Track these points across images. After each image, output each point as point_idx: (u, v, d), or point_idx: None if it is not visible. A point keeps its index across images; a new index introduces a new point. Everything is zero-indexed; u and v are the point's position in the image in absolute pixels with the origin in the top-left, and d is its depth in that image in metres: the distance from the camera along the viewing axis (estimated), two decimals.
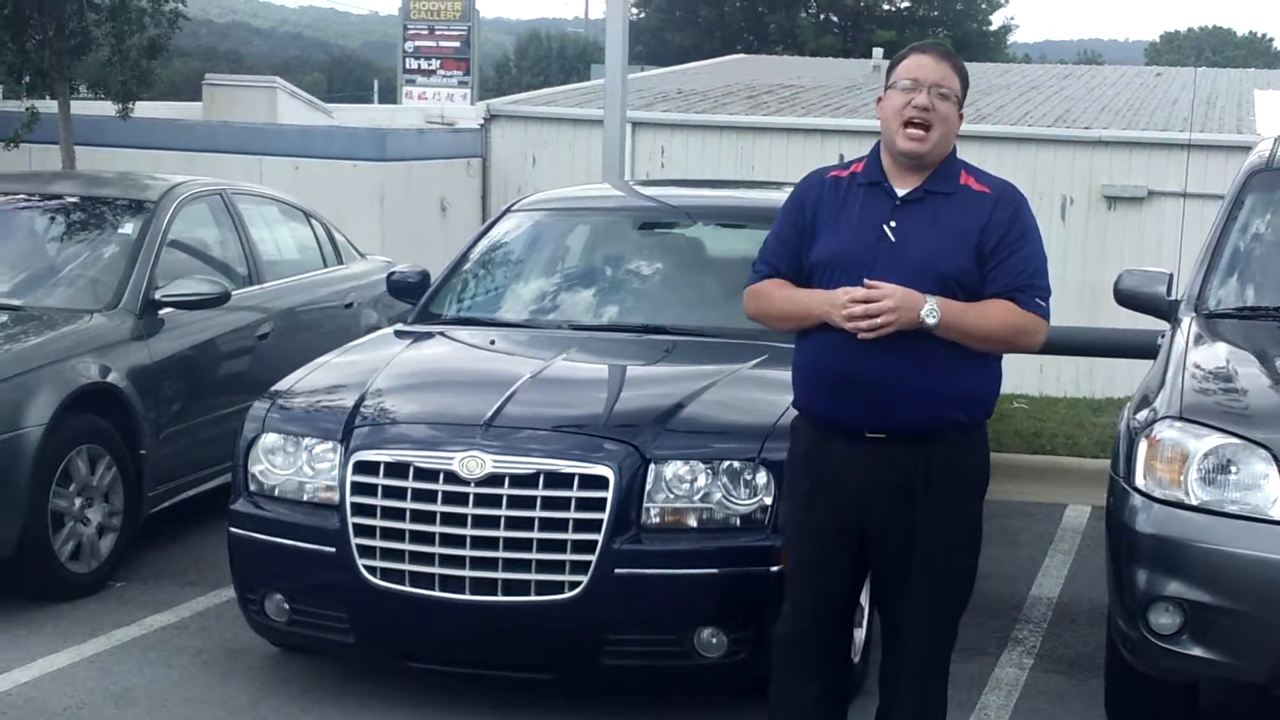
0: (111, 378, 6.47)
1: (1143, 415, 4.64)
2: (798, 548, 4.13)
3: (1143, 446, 4.48)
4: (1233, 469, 4.33)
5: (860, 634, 5.07)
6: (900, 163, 4.01)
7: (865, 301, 3.80)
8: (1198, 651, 4.30)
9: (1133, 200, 18.54)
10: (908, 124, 3.95)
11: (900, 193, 4.00)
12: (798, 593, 4.15)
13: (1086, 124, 19.45)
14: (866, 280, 3.83)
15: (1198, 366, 4.82)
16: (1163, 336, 5.48)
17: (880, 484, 3.95)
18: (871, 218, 3.99)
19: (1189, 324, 5.24)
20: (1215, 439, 4.37)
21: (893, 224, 3.96)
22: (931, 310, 3.81)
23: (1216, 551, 4.26)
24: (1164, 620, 4.33)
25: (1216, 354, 4.98)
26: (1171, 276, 5.70)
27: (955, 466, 4.00)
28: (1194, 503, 4.33)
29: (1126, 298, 5.70)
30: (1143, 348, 7.39)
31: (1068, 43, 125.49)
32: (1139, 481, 4.44)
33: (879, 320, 3.79)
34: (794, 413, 4.17)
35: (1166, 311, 5.55)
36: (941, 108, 3.96)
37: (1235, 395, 4.63)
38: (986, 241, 3.93)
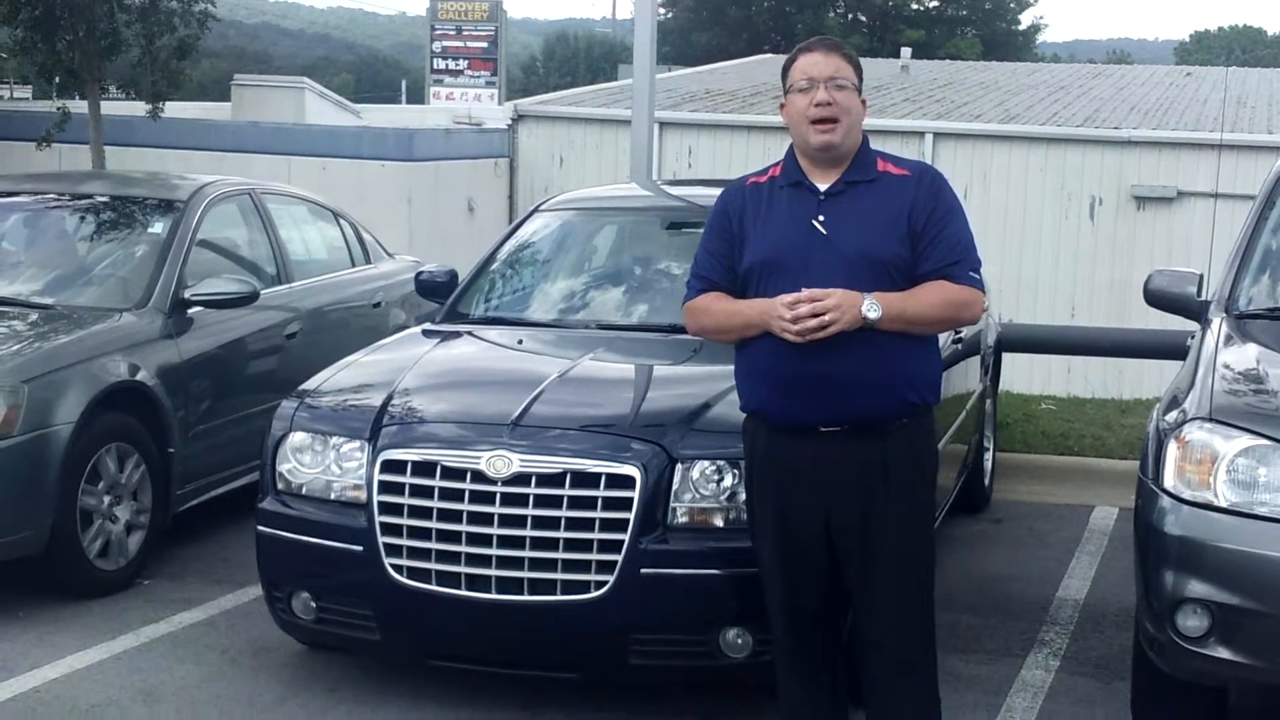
0: (141, 376, 6.50)
1: (1172, 416, 4.62)
2: (770, 551, 4.16)
3: (1172, 448, 4.46)
4: (1262, 471, 4.30)
5: None
6: (817, 160, 4.08)
7: (808, 305, 3.84)
8: (1225, 654, 4.28)
9: (1162, 200, 18.46)
10: (814, 122, 4.03)
11: (822, 188, 4.07)
12: (777, 595, 4.19)
13: (1116, 124, 19.37)
14: (805, 290, 3.87)
15: (1228, 367, 4.79)
16: (1192, 337, 5.45)
17: (841, 477, 4.01)
18: (798, 216, 4.05)
19: (1219, 325, 5.21)
20: (1245, 440, 4.34)
21: (821, 218, 4.02)
22: (872, 305, 3.88)
23: (1245, 554, 4.23)
24: (1192, 622, 4.30)
25: (1247, 355, 4.95)
26: (1202, 277, 5.67)
27: (913, 452, 4.10)
28: (1223, 504, 4.30)
29: (1156, 298, 5.68)
30: (1172, 348, 7.37)
31: (1097, 42, 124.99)
32: (1168, 483, 4.42)
33: (823, 321, 3.84)
34: None
35: (1197, 312, 5.53)
36: (841, 98, 4.05)
37: (1266, 397, 4.60)
38: (915, 222, 4.01)
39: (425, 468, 4.84)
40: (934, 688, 4.29)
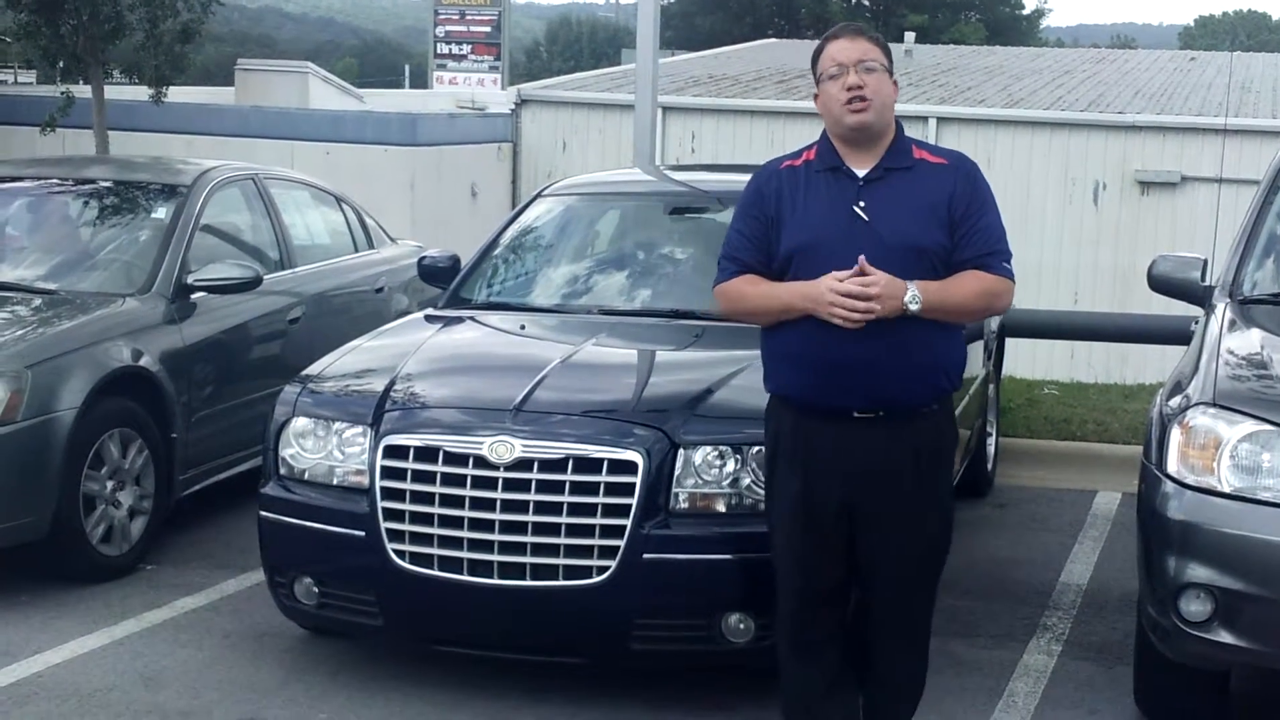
0: (144, 361, 6.50)
1: (1175, 401, 4.61)
2: (791, 532, 4.17)
3: (1175, 433, 4.45)
4: (1266, 456, 4.30)
5: None
6: (852, 143, 4.09)
7: (850, 290, 3.87)
8: (1228, 639, 4.28)
9: (1166, 185, 18.43)
10: (847, 103, 4.05)
11: (860, 173, 4.08)
12: (792, 578, 4.20)
13: (1120, 109, 19.34)
14: (861, 261, 3.89)
15: (1232, 353, 4.78)
16: (1196, 322, 5.44)
17: (871, 460, 4.04)
18: (838, 201, 4.06)
19: (1223, 310, 5.20)
20: (1249, 426, 4.34)
21: (861, 204, 4.03)
22: (914, 296, 3.92)
23: (1248, 539, 4.23)
24: (1195, 607, 4.30)
25: (1251, 340, 4.95)
26: (1206, 262, 5.66)
27: (939, 435, 4.16)
28: (1226, 490, 4.30)
29: (1161, 283, 5.67)
30: (1176, 334, 7.36)
31: (1101, 27, 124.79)
32: (1171, 468, 4.42)
33: (867, 307, 3.87)
34: None
35: (1201, 297, 5.52)
36: (872, 80, 4.07)
37: (1270, 382, 4.60)
38: (954, 211, 4.04)
39: (428, 453, 4.83)
40: (926, 663, 4.40)
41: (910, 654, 4.31)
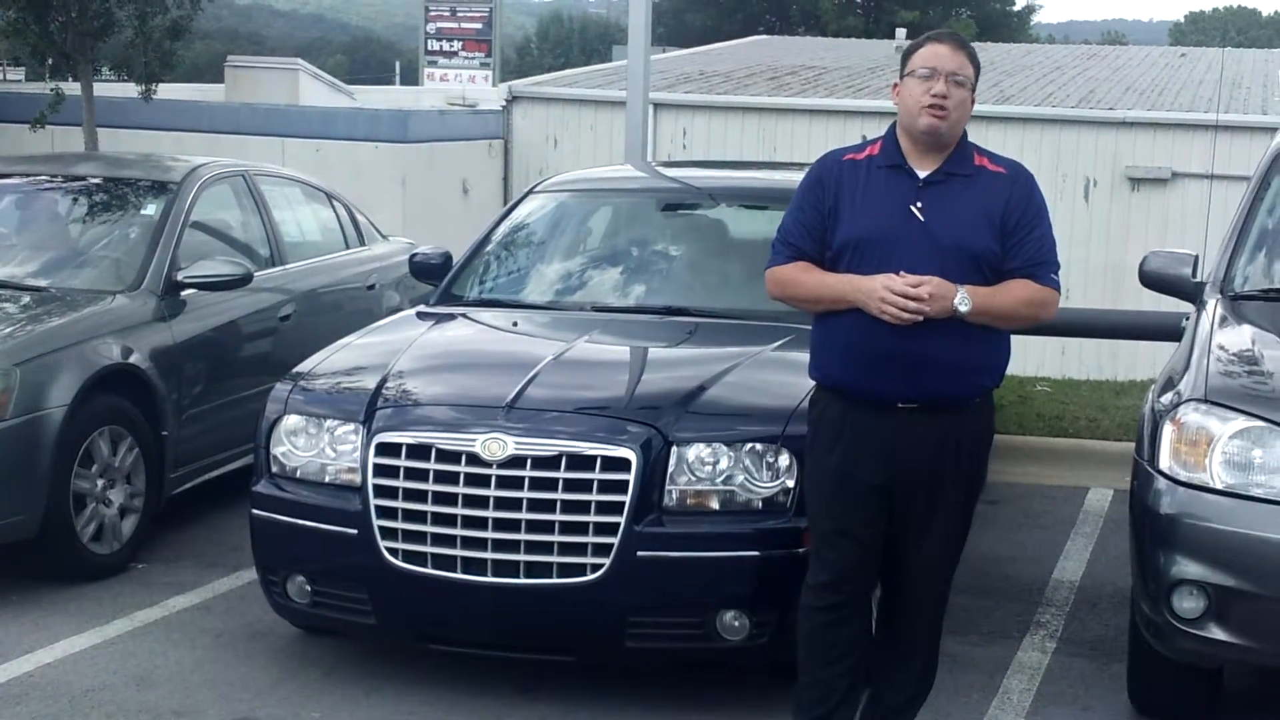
0: (134, 359, 6.48)
1: (1167, 398, 4.62)
2: (830, 513, 4.21)
3: (1167, 429, 4.46)
4: (1258, 452, 4.30)
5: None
6: (919, 144, 4.15)
7: (906, 293, 3.94)
8: (1221, 635, 4.28)
9: (1156, 182, 18.45)
10: (927, 108, 4.10)
11: (922, 174, 4.14)
12: (829, 558, 4.22)
13: (1110, 105, 19.36)
14: (903, 274, 3.97)
15: (1223, 349, 4.79)
16: (1187, 319, 5.45)
17: (914, 449, 4.12)
18: (897, 199, 4.11)
19: (1214, 306, 5.21)
20: (1240, 422, 4.34)
21: (919, 204, 4.10)
22: (964, 299, 3.99)
23: (1241, 535, 4.24)
24: (1188, 604, 4.31)
25: (1242, 336, 4.95)
26: (1197, 258, 5.67)
27: (980, 428, 4.27)
28: (1218, 486, 4.31)
29: (1152, 279, 5.68)
30: (1167, 330, 7.36)
31: (1091, 23, 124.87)
32: (1163, 464, 4.42)
33: (920, 308, 3.94)
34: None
35: (1192, 293, 5.53)
36: (957, 94, 4.12)
37: (1261, 378, 4.60)
38: (1008, 221, 4.12)
39: (420, 451, 4.82)
40: (938, 658, 4.53)
41: (929, 647, 4.42)
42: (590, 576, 4.68)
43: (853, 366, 4.12)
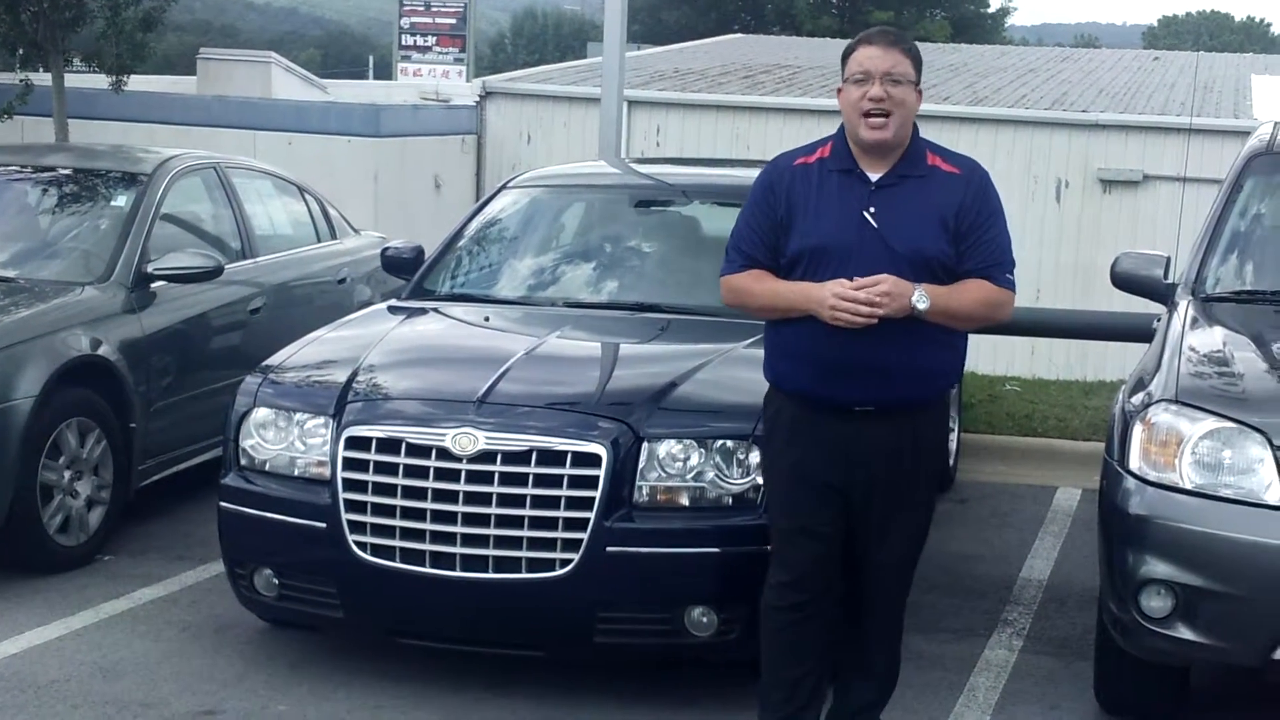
0: (102, 350, 6.44)
1: (1138, 398, 4.63)
2: (789, 511, 4.21)
3: (1137, 429, 4.47)
4: (1227, 453, 4.32)
5: None
6: (868, 151, 4.11)
7: (856, 298, 3.91)
8: (1189, 635, 4.30)
9: (1128, 184, 18.51)
10: (866, 115, 4.05)
11: (874, 177, 4.10)
12: (790, 558, 4.23)
13: (1083, 107, 19.41)
14: (855, 279, 3.95)
15: (1194, 350, 4.81)
16: (1158, 320, 5.47)
17: (871, 452, 4.11)
18: (850, 205, 4.08)
19: (1186, 307, 5.23)
20: (1210, 423, 4.36)
21: (872, 209, 4.06)
22: (921, 297, 3.96)
23: (1209, 535, 4.26)
24: (1155, 603, 4.32)
25: (1213, 338, 4.97)
26: (1169, 260, 5.69)
27: (935, 429, 4.28)
28: (1188, 486, 4.32)
29: (1123, 280, 5.70)
30: (1137, 331, 7.39)
31: (1065, 26, 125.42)
32: (1133, 464, 4.44)
33: (874, 310, 3.91)
34: None
35: (1163, 295, 5.55)
36: (896, 93, 4.07)
37: (1231, 379, 4.62)
38: (962, 222, 4.07)
39: (390, 445, 4.81)
40: (900, 655, 4.51)
41: (891, 645, 4.42)
42: (559, 572, 4.67)
43: (808, 373, 4.11)
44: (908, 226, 4.04)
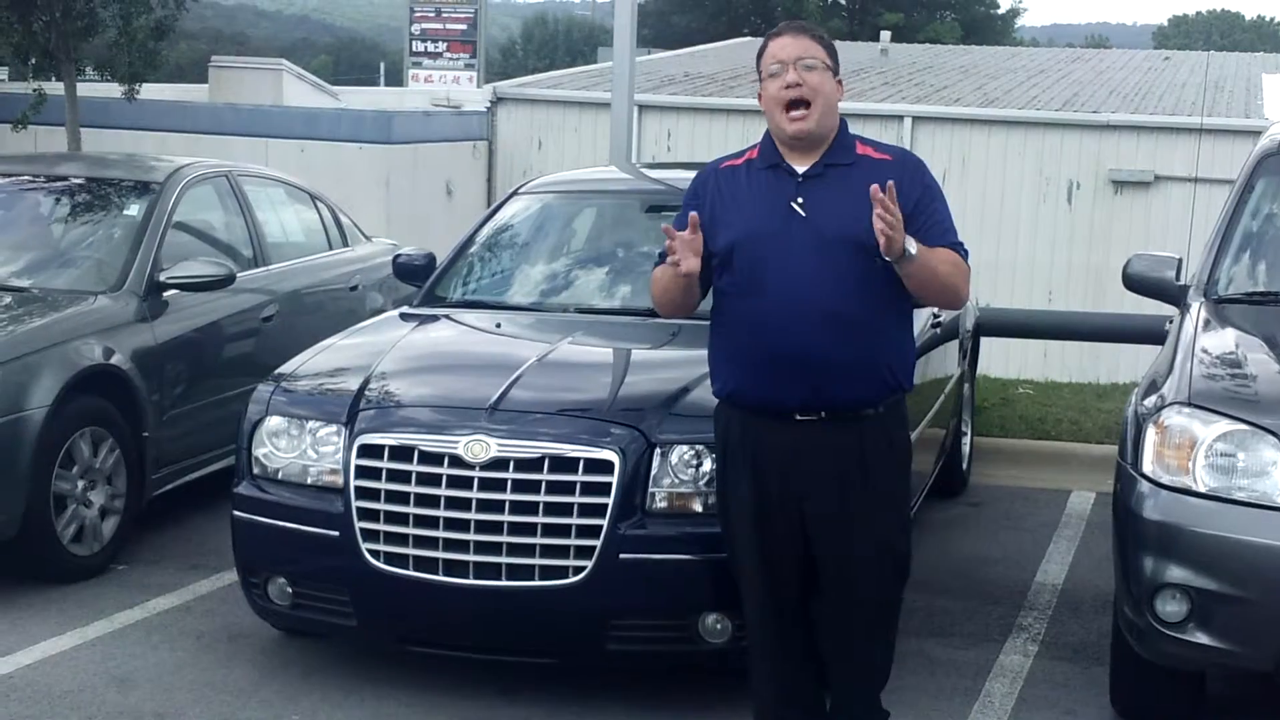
0: (115, 360, 6.45)
1: (1151, 401, 4.61)
2: (747, 536, 4.17)
3: (1150, 432, 4.45)
4: (1241, 456, 4.30)
5: None
6: (793, 145, 4.09)
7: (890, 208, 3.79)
8: (1204, 639, 4.28)
9: (1139, 185, 18.49)
10: (787, 107, 4.03)
11: (800, 170, 4.08)
12: (753, 586, 4.21)
13: (1094, 108, 19.39)
14: (664, 226, 4.04)
15: (1206, 352, 4.79)
16: (1170, 322, 5.45)
17: (818, 464, 4.03)
18: (776, 197, 4.07)
19: (1198, 309, 5.21)
20: (1223, 425, 4.34)
21: (800, 200, 4.04)
22: (911, 241, 3.89)
23: (1224, 539, 4.24)
24: (1170, 608, 4.30)
25: (1225, 339, 4.95)
26: (1181, 261, 5.67)
27: (888, 439, 4.13)
28: (1201, 489, 4.30)
29: (1135, 282, 5.68)
30: (1150, 333, 7.38)
31: (1076, 26, 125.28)
32: (1146, 467, 4.42)
33: (890, 226, 3.79)
34: None
35: (1175, 296, 5.53)
36: (812, 79, 4.04)
37: (1244, 381, 4.60)
38: (904, 206, 3.93)
39: (402, 452, 4.81)
40: (891, 653, 4.36)
41: (869, 648, 4.26)
42: (572, 579, 4.66)
43: (748, 373, 4.05)
44: (837, 212, 3.99)
